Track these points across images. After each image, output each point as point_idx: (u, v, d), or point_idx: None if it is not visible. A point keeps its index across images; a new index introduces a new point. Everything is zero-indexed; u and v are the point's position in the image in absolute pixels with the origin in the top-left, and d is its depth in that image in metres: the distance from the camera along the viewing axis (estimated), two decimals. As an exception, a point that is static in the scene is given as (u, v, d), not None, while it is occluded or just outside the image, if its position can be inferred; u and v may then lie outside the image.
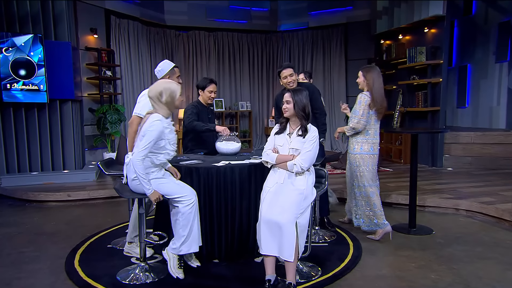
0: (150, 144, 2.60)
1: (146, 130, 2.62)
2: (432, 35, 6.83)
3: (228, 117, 9.51)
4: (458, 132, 6.71)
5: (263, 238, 2.52)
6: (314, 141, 2.70)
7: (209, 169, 3.01)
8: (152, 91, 2.73)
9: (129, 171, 2.72)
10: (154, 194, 2.65)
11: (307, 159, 2.65)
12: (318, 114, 3.71)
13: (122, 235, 3.71)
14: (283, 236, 2.44)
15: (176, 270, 2.77)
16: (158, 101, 2.71)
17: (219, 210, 3.02)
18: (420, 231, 3.80)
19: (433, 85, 6.76)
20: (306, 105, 2.72)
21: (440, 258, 3.15)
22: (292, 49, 9.63)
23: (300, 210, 2.55)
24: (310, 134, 2.72)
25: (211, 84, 3.92)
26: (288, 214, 2.49)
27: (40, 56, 5.61)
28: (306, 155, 2.66)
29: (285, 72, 3.58)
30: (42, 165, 5.95)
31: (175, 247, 2.76)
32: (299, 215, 2.53)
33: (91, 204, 5.07)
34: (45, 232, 3.96)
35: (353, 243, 3.49)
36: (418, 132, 4.04)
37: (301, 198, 2.59)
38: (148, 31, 8.36)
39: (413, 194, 3.84)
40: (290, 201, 2.55)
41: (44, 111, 5.93)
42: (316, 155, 2.73)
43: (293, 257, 2.43)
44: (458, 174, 6.13)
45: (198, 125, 3.77)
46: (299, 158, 2.66)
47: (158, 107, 2.72)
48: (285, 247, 2.43)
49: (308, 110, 2.73)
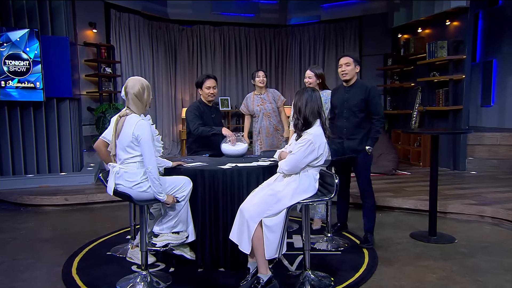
0: (151, 146, 2.70)
1: (138, 137, 2.65)
2: (454, 28, 6.77)
3: (234, 116, 9.52)
4: (482, 133, 6.64)
5: (234, 224, 2.78)
6: (303, 144, 2.72)
7: (214, 171, 3.01)
8: (134, 87, 2.74)
9: (122, 179, 2.74)
10: (169, 198, 2.79)
11: (288, 162, 2.76)
12: (375, 120, 3.57)
13: (122, 242, 3.73)
14: (244, 228, 2.67)
15: (190, 253, 2.96)
16: (139, 98, 2.75)
17: (225, 215, 3.02)
18: (441, 239, 3.76)
19: (455, 82, 6.69)
20: (302, 108, 2.80)
21: (464, 269, 3.11)
22: (303, 44, 9.61)
23: (268, 211, 2.66)
24: (303, 137, 2.78)
25: (208, 79, 3.95)
26: (253, 209, 2.66)
27: (36, 52, 5.67)
28: (288, 158, 2.78)
29: (341, 60, 3.63)
30: (38, 167, 6.01)
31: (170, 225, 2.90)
32: (266, 214, 2.65)
33: (90, 208, 5.10)
34: (41, 238, 3.99)
35: (368, 251, 3.46)
36: (439, 132, 4.01)
37: (271, 199, 2.69)
38: (150, 26, 8.41)
39: (434, 199, 3.81)
40: (260, 198, 2.72)
41: (40, 110, 5.99)
42: (304, 159, 2.71)
43: (249, 250, 2.66)
44: (482, 178, 6.06)
45: (204, 131, 3.82)
46: (283, 161, 2.80)
47: (137, 105, 2.75)
48: (243, 238, 2.68)
49: (306, 114, 2.78)
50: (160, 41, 8.60)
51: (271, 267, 2.87)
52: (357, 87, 3.61)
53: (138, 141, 2.67)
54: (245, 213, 2.69)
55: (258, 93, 4.57)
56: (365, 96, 3.54)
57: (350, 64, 3.58)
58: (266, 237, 2.63)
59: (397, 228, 4.17)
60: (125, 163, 2.74)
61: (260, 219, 2.65)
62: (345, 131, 3.63)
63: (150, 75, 8.26)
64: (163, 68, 8.65)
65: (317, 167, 2.82)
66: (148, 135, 2.68)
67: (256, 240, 2.64)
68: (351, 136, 3.61)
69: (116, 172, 2.75)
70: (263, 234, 2.64)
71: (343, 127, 3.64)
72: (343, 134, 3.64)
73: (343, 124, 3.64)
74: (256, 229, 2.63)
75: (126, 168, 2.73)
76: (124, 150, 2.73)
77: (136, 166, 2.73)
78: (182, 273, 3.06)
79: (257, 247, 2.65)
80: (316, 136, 2.76)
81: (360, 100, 3.55)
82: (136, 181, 2.71)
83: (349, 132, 3.62)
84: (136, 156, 2.72)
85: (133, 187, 2.71)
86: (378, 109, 3.57)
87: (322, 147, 2.77)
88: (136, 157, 2.73)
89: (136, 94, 2.74)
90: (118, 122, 2.76)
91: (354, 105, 3.57)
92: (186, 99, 9.03)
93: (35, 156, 5.97)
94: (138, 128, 2.66)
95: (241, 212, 2.73)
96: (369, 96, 3.53)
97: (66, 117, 6.18)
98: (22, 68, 5.62)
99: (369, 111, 3.57)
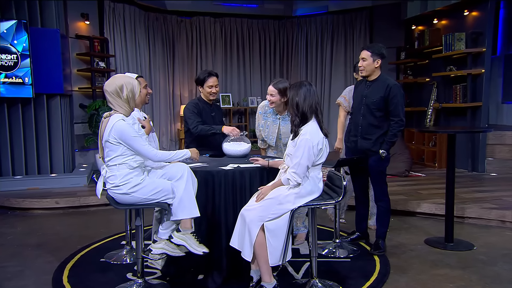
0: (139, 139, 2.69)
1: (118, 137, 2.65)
2: (473, 19, 6.74)
3: (236, 114, 9.53)
4: (503, 132, 6.61)
5: (235, 229, 2.78)
6: (303, 145, 2.70)
7: (215, 173, 3.00)
8: (111, 85, 2.73)
9: (106, 181, 2.75)
10: (193, 152, 2.96)
11: (299, 171, 2.70)
12: (393, 123, 3.50)
13: (116, 248, 3.73)
14: (245, 233, 2.68)
15: (197, 247, 2.78)
16: (117, 96, 2.73)
17: (227, 220, 3.01)
18: (458, 246, 3.74)
19: (474, 77, 6.66)
20: (300, 102, 2.78)
21: (484, 278, 3.10)
22: (310, 36, 9.60)
23: (270, 214, 2.67)
24: (299, 136, 2.75)
25: (211, 77, 3.90)
26: (254, 213, 2.67)
27: (25, 45, 5.69)
28: (296, 167, 2.71)
29: (360, 54, 3.57)
30: (26, 168, 6.03)
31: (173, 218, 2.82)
32: (268, 218, 2.65)
33: (82, 212, 5.11)
34: (30, 244, 3.99)
35: (380, 258, 3.45)
36: (456, 131, 3.99)
37: (272, 202, 2.69)
38: (147, 17, 8.42)
39: (450, 203, 3.79)
40: (262, 201, 2.72)
41: (29, 107, 6.00)
42: (310, 160, 2.70)
43: (250, 257, 2.67)
44: (503, 180, 6.03)
45: (203, 130, 3.77)
46: (290, 172, 2.73)
47: (117, 104, 2.73)
48: (244, 244, 2.69)
49: (304, 109, 2.77)
50: (157, 33, 8.61)
51: (276, 275, 2.86)
52: (378, 83, 3.54)
53: (123, 142, 2.67)
54: (246, 217, 2.69)
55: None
56: (385, 94, 3.47)
57: (366, 59, 3.51)
58: (269, 242, 2.63)
59: (410, 233, 4.15)
60: (109, 165, 2.75)
61: (262, 223, 2.65)
62: (360, 129, 3.60)
63: (146, 70, 8.27)
64: (161, 63, 8.65)
65: (318, 165, 2.81)
66: (129, 133, 2.65)
67: (258, 246, 2.64)
68: (366, 135, 3.57)
69: (103, 174, 2.78)
70: (265, 239, 2.63)
71: (359, 124, 3.61)
72: (358, 132, 3.62)
73: (358, 121, 3.61)
74: (258, 234, 2.63)
75: (110, 170, 2.74)
76: (106, 153, 2.74)
77: (116, 168, 2.71)
78: (180, 282, 3.06)
79: (260, 253, 2.64)
80: (312, 132, 2.75)
81: (379, 97, 3.48)
82: (115, 183, 2.70)
83: (364, 130, 3.58)
84: (116, 157, 2.70)
85: (113, 189, 2.71)
86: (397, 110, 3.47)
87: (321, 142, 2.76)
88: (116, 158, 2.70)
89: (113, 92, 2.71)
90: (102, 123, 2.78)
91: (372, 103, 3.52)
92: (185, 96, 9.03)
93: (24, 156, 5.99)
94: (115, 130, 2.65)
95: (242, 216, 2.73)
96: (389, 94, 3.46)
97: (57, 114, 6.20)
98: (9, 62, 5.64)
99: (388, 111, 3.50)
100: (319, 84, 9.45)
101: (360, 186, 3.83)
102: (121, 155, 2.68)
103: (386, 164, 3.62)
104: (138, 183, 2.68)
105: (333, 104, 9.29)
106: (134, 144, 2.67)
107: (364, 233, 3.91)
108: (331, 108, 9.31)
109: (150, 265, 3.29)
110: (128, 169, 2.69)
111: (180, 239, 2.76)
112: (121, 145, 2.66)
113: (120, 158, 2.69)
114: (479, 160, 6.63)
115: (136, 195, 2.69)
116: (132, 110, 2.81)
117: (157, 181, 2.78)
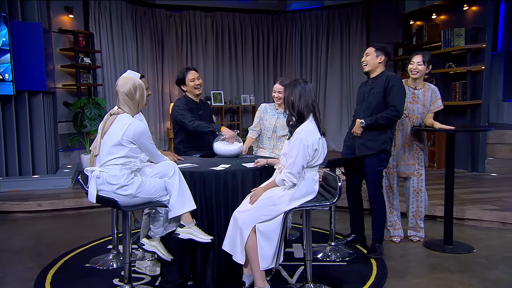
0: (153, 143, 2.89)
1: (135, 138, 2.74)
2: (472, 14, 6.78)
3: (228, 112, 9.52)
4: (504, 130, 6.66)
5: (227, 233, 2.81)
6: (298, 144, 2.71)
7: (206, 174, 3.00)
8: (125, 85, 2.82)
9: (104, 183, 2.73)
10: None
11: (294, 171, 2.71)
12: (389, 110, 3.51)
13: (103, 252, 3.72)
14: (237, 236, 2.70)
15: (204, 236, 2.87)
16: (131, 98, 2.83)
17: (219, 222, 3.01)
18: (458, 248, 3.77)
19: (474, 74, 6.71)
20: (296, 102, 2.79)
21: (484, 282, 3.12)
22: (304, 32, 9.61)
23: (262, 216, 2.68)
24: (294, 135, 2.77)
25: (189, 71, 3.96)
26: (246, 215, 2.69)
27: (5, 40, 5.63)
28: (290, 166, 2.72)
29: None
30: (7, 169, 5.98)
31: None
32: (260, 220, 2.67)
33: (66, 215, 5.08)
34: (10, 249, 3.97)
35: (377, 262, 3.47)
36: (455, 130, 4.01)
37: (266, 203, 2.71)
38: (134, 11, 8.38)
39: (449, 204, 3.82)
40: (254, 202, 2.73)
41: (9, 105, 5.95)
42: (305, 160, 2.71)
43: (243, 260, 2.68)
44: (504, 180, 6.07)
45: (201, 126, 3.74)
46: (285, 172, 2.74)
47: (129, 106, 2.83)
48: (236, 247, 2.70)
49: (300, 108, 2.78)
50: (145, 28, 8.58)
51: (269, 279, 2.86)
52: (379, 79, 3.60)
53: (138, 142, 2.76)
54: (238, 220, 2.69)
55: (412, 86, 4.01)
56: (384, 86, 3.53)
57: (369, 54, 3.58)
58: (260, 245, 2.63)
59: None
60: (106, 165, 2.73)
61: (254, 224, 2.65)
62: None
63: (134, 66, 8.23)
64: (149, 59, 8.62)
65: (314, 167, 2.81)
66: (147, 133, 2.81)
67: (250, 249, 2.64)
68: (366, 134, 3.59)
69: (97, 176, 2.74)
70: (257, 241, 2.63)
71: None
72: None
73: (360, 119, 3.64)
74: (249, 236, 2.64)
75: (108, 170, 2.72)
76: (108, 151, 2.73)
77: (118, 168, 2.72)
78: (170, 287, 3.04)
79: (251, 256, 2.65)
80: (307, 132, 2.75)
81: (380, 90, 3.54)
82: (120, 183, 2.70)
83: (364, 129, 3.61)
84: (120, 157, 2.72)
85: (117, 190, 2.71)
86: (395, 100, 3.49)
87: (317, 142, 2.76)
88: (120, 158, 2.72)
89: (127, 93, 2.82)
90: (106, 120, 2.81)
91: (374, 98, 3.57)
92: (174, 93, 9.00)
93: (4, 157, 5.93)
94: (136, 131, 2.73)
95: (234, 219, 2.73)
96: (388, 84, 3.51)
97: (39, 113, 6.15)
98: (-11, 58, 5.59)
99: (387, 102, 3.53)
100: (314, 81, 9.46)
101: (353, 187, 3.85)
102: (126, 156, 2.73)
103: (384, 164, 3.66)
104: (140, 183, 2.76)
105: (329, 102, 9.35)
106: (147, 144, 2.82)
107: (361, 236, 3.93)
108: (327, 106, 9.33)
109: (137, 270, 3.28)
110: (129, 170, 2.74)
111: (186, 233, 2.84)
112: (132, 145, 2.73)
113: (123, 159, 2.73)
114: (479, 160, 6.67)
115: (141, 195, 2.77)
116: (138, 112, 2.92)
117: (152, 180, 2.84)
